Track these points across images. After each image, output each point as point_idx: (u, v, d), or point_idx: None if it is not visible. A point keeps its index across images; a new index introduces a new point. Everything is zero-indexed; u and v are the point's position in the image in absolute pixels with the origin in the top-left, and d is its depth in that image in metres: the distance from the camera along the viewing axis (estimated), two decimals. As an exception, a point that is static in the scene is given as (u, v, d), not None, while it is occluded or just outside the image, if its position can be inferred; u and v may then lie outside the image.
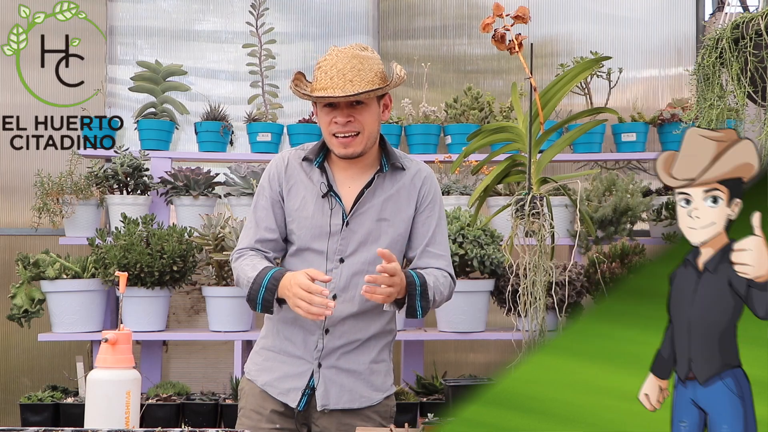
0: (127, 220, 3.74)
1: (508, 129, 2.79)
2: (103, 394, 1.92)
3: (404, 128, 4.19)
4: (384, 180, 2.28)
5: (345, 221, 2.23)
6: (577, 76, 2.66)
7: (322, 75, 2.18)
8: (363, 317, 2.26)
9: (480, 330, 3.78)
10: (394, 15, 4.73)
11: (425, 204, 2.31)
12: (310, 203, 2.25)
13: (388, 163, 2.29)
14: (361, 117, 2.21)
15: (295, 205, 2.26)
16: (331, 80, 2.16)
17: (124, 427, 1.89)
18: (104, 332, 1.97)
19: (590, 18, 4.70)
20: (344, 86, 2.15)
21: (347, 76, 2.16)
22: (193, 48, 4.65)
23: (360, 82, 2.17)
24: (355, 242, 2.23)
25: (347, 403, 2.25)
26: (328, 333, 2.24)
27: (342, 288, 2.23)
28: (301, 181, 2.28)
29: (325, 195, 2.25)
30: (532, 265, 2.49)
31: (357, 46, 2.23)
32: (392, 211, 2.27)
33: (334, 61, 2.18)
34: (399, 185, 2.29)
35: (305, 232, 2.24)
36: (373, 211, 2.25)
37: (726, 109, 2.37)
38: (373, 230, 2.24)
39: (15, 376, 4.44)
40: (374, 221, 2.25)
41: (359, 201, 2.24)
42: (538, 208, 2.48)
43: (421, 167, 2.35)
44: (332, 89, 2.15)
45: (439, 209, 2.34)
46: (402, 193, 2.29)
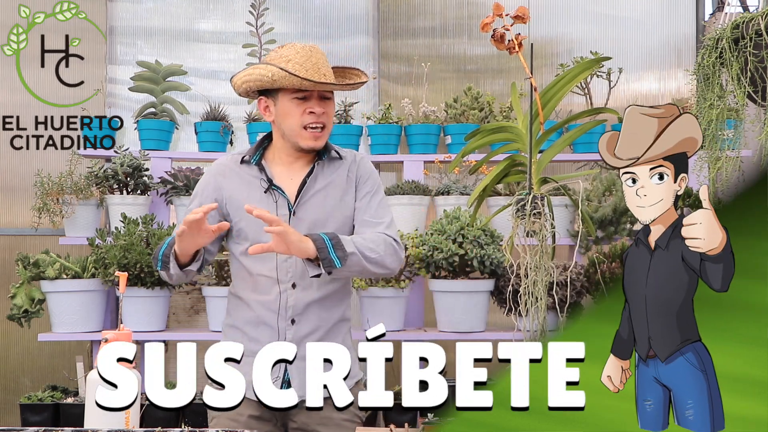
0: (127, 220, 3.74)
1: (507, 129, 2.79)
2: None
3: (404, 128, 4.19)
4: (324, 168, 2.36)
5: (291, 211, 2.30)
6: (577, 76, 2.66)
7: (297, 67, 2.23)
8: (325, 303, 2.31)
9: (480, 330, 3.78)
10: (394, 15, 4.72)
11: (362, 183, 2.39)
12: (254, 200, 2.30)
13: (325, 152, 2.36)
14: (329, 111, 2.31)
15: (240, 205, 2.30)
16: (308, 72, 2.22)
17: (124, 427, 1.89)
18: (104, 332, 1.97)
19: (590, 18, 4.70)
20: (322, 79, 2.24)
21: (322, 70, 2.25)
22: (193, 48, 4.65)
23: (331, 77, 2.28)
24: (305, 230, 2.27)
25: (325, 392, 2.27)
26: (294, 323, 2.28)
27: (300, 276, 2.28)
28: (242, 182, 2.34)
29: (267, 190, 2.31)
30: (533, 265, 2.48)
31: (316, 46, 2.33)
32: (335, 195, 2.34)
33: (309, 55, 2.25)
34: (338, 172, 2.37)
35: (253, 228, 2.28)
36: (317, 198, 2.32)
37: (726, 109, 2.37)
38: (320, 216, 2.31)
39: (15, 376, 4.44)
40: (320, 207, 2.32)
41: (303, 189, 2.31)
42: (539, 208, 2.48)
43: (355, 154, 2.45)
44: (318, 78, 2.23)
45: (375, 185, 2.42)
46: (342, 178, 2.37)
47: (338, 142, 4.11)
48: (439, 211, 3.98)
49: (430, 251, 3.68)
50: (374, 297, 3.75)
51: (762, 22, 2.14)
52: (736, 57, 2.22)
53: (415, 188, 3.98)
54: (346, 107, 4.18)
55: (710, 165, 2.44)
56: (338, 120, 4.17)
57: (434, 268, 3.74)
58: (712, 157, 2.43)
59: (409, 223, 3.96)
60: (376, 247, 2.29)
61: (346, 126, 4.13)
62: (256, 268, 2.31)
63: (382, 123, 4.15)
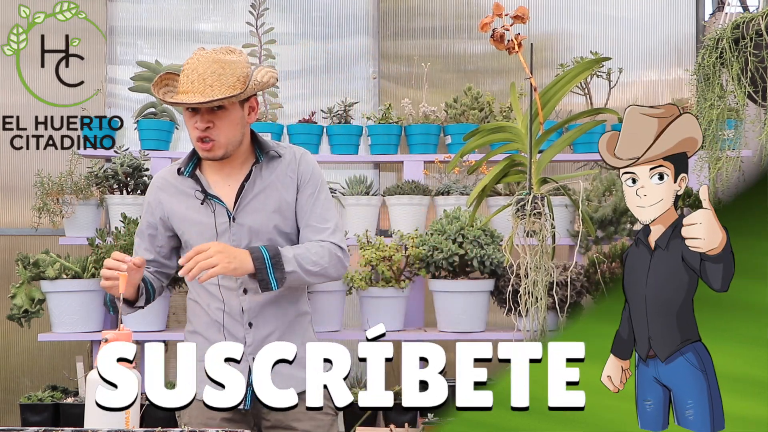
0: (127, 220, 3.74)
1: (507, 129, 2.79)
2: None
3: (404, 128, 4.19)
4: (261, 170, 2.33)
5: (231, 218, 2.28)
6: (577, 76, 2.66)
7: (185, 79, 2.20)
8: (278, 303, 2.30)
9: (480, 330, 3.78)
10: (394, 15, 4.73)
11: (304, 182, 2.35)
12: (193, 211, 2.31)
13: (262, 153, 2.33)
14: (220, 123, 2.22)
15: (181, 218, 2.32)
16: (192, 84, 2.18)
17: (124, 427, 1.89)
18: (104, 332, 1.97)
19: (590, 18, 4.70)
20: (204, 91, 2.17)
21: (207, 81, 2.18)
22: (193, 48, 4.60)
23: (220, 87, 2.18)
24: (246, 235, 2.28)
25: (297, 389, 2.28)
26: (252, 326, 2.29)
27: (248, 280, 2.26)
28: (179, 195, 2.34)
29: (203, 201, 2.30)
30: (533, 265, 2.48)
31: (223, 49, 2.26)
32: (276, 197, 2.31)
33: (195, 65, 2.20)
34: (277, 172, 2.33)
35: (195, 239, 2.29)
36: (256, 202, 2.30)
37: (726, 109, 2.37)
38: (262, 220, 2.29)
39: (15, 376, 4.44)
40: (260, 210, 2.30)
41: (241, 195, 2.29)
42: (539, 208, 2.48)
43: (295, 150, 2.39)
44: (192, 93, 2.17)
45: (319, 184, 2.37)
46: (281, 178, 2.33)
47: (338, 142, 4.14)
48: (439, 211, 3.98)
49: (430, 251, 3.68)
50: (374, 297, 3.75)
51: (762, 22, 2.14)
52: (737, 57, 2.22)
53: (415, 188, 3.98)
54: (346, 107, 4.18)
55: (710, 165, 2.44)
56: (338, 120, 4.17)
57: (434, 268, 3.74)
58: (712, 157, 2.43)
59: (409, 223, 3.95)
60: (320, 260, 2.28)
61: (346, 126, 4.13)
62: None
63: (382, 123, 4.15)
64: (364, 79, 4.65)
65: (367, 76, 4.66)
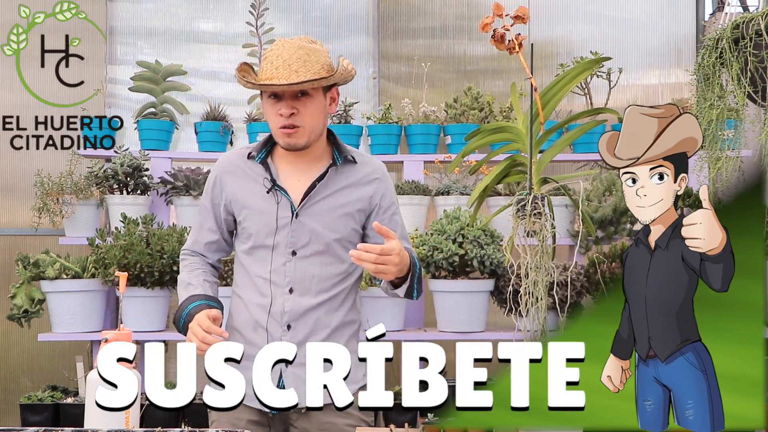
0: (127, 220, 3.74)
1: (507, 129, 2.79)
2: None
3: (404, 128, 4.19)
4: (337, 173, 2.29)
5: (294, 213, 2.24)
6: (577, 76, 2.66)
7: (268, 65, 2.18)
8: (322, 308, 2.25)
9: (480, 330, 3.78)
10: (394, 15, 4.73)
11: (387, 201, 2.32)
12: (257, 199, 2.27)
13: (340, 156, 2.29)
14: (304, 109, 2.20)
15: (245, 202, 2.28)
16: (276, 70, 2.16)
17: (124, 427, 1.89)
18: (104, 332, 1.97)
19: (590, 18, 4.70)
20: (289, 76, 2.15)
21: (293, 67, 2.16)
22: (193, 48, 4.65)
23: (305, 72, 2.16)
24: (306, 235, 2.24)
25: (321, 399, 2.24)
26: (290, 329, 2.24)
27: (298, 281, 2.23)
28: (246, 179, 2.30)
29: (270, 190, 2.26)
30: (533, 265, 2.48)
31: (305, 38, 2.24)
32: (345, 203, 2.27)
33: (280, 51, 2.18)
34: (352, 180, 2.30)
35: (255, 227, 2.26)
36: (325, 204, 2.26)
37: (726, 109, 2.37)
38: (326, 223, 2.25)
39: (15, 376, 4.44)
40: (326, 214, 2.25)
41: (311, 193, 2.25)
42: (540, 208, 2.48)
43: (376, 164, 2.35)
44: (277, 79, 2.15)
45: (397, 204, 2.37)
46: (356, 187, 2.29)
47: (338, 142, 4.13)
48: (439, 211, 3.98)
49: (430, 251, 3.67)
50: (374, 297, 3.75)
51: (762, 22, 2.14)
52: (736, 57, 2.22)
53: (415, 188, 3.98)
54: (346, 107, 4.18)
55: (710, 165, 2.44)
56: (338, 120, 4.17)
57: (434, 268, 3.74)
58: (712, 157, 2.43)
59: (409, 223, 3.95)
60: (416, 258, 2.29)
61: (346, 126, 4.13)
62: (254, 269, 2.28)
63: (382, 123, 4.15)
64: (364, 79, 4.65)
65: (367, 76, 4.66)
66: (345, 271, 2.29)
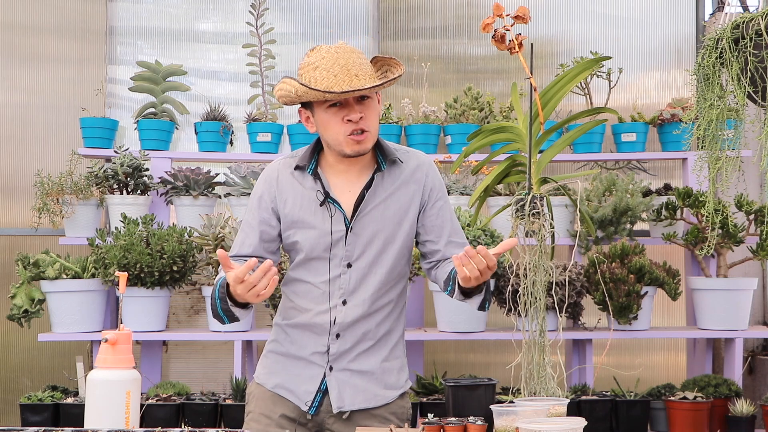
0: (127, 220, 3.74)
1: (508, 129, 2.79)
2: (103, 394, 1.91)
3: (404, 128, 4.19)
4: (383, 178, 2.23)
5: (348, 227, 2.19)
6: (577, 76, 2.67)
7: (324, 73, 2.08)
8: (372, 318, 2.22)
9: (480, 330, 3.78)
10: (394, 15, 4.73)
11: (435, 195, 2.27)
12: (308, 213, 2.20)
13: (385, 160, 2.23)
14: (369, 113, 2.14)
15: (294, 217, 2.21)
16: (336, 77, 2.07)
17: (124, 427, 1.89)
18: (104, 332, 1.97)
19: (590, 18, 4.70)
20: (351, 82, 2.07)
21: (352, 71, 2.09)
22: (193, 48, 4.65)
23: (365, 76, 2.10)
24: (361, 246, 2.19)
25: (362, 403, 2.20)
26: (339, 337, 2.20)
27: (351, 292, 2.20)
28: (296, 192, 2.22)
29: (322, 203, 2.19)
30: (532, 265, 2.49)
31: (345, 44, 2.16)
32: (396, 209, 2.22)
33: (336, 58, 2.09)
34: (399, 182, 2.24)
35: (308, 241, 2.20)
36: (376, 212, 2.20)
37: (726, 109, 2.37)
38: (379, 231, 2.20)
39: (15, 376, 4.44)
40: (379, 222, 2.20)
41: (361, 204, 2.19)
42: (539, 208, 2.48)
43: (420, 159, 2.30)
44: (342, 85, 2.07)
45: (446, 195, 2.31)
46: (403, 189, 2.24)
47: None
48: (439, 211, 3.97)
49: (430, 251, 3.67)
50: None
51: (762, 22, 2.14)
52: (736, 57, 2.22)
53: (415, 188, 3.97)
54: (346, 107, 4.18)
55: (710, 165, 2.44)
56: (338, 120, 4.17)
57: (434, 268, 3.74)
58: (712, 157, 2.43)
59: (409, 223, 3.95)
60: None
61: (346, 126, 4.12)
62: (310, 279, 2.22)
63: (382, 123, 4.16)
64: (364, 79, 4.65)
65: (367, 76, 4.66)
66: (398, 277, 2.25)
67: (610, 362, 3.79)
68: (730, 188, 2.51)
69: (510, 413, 1.92)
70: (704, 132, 2.38)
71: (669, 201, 3.92)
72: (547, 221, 2.50)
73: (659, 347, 4.57)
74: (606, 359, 3.42)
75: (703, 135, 2.40)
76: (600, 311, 3.84)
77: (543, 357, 2.48)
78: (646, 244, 3.88)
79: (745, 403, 3.63)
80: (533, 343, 2.49)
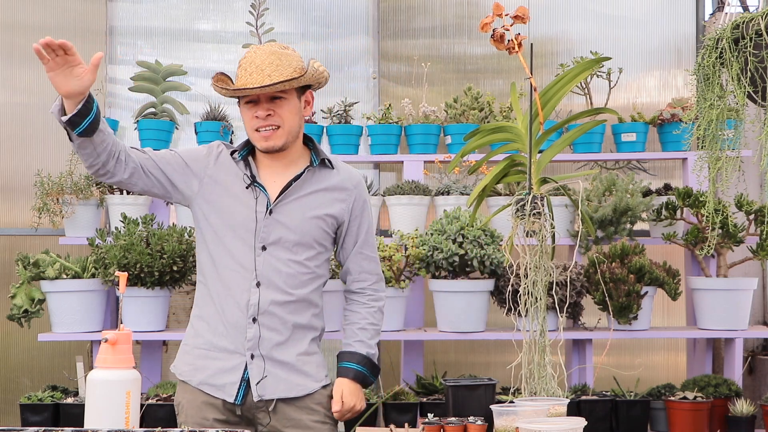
0: (127, 220, 3.74)
1: (507, 129, 2.79)
2: (103, 394, 1.91)
3: (404, 128, 4.19)
4: (313, 175, 2.37)
5: (269, 209, 2.31)
6: (577, 76, 2.66)
7: (242, 72, 2.27)
8: (288, 306, 2.32)
9: (480, 330, 3.78)
10: (394, 15, 4.73)
11: (358, 212, 2.43)
12: (235, 192, 2.33)
13: (317, 158, 2.38)
14: (280, 111, 2.29)
15: (220, 193, 2.34)
16: (250, 75, 2.24)
17: (124, 427, 1.89)
18: (104, 332, 1.97)
19: (590, 18, 4.70)
20: (262, 80, 2.23)
21: (265, 71, 2.24)
22: (193, 48, 4.65)
23: (278, 76, 2.24)
24: (278, 231, 2.30)
25: (284, 392, 2.30)
26: (255, 322, 2.29)
27: (265, 275, 2.29)
28: (228, 172, 2.36)
29: (249, 186, 2.32)
30: (532, 265, 2.49)
31: (277, 44, 2.33)
32: (318, 205, 2.35)
33: (253, 58, 2.26)
34: (328, 184, 2.38)
35: (228, 219, 2.32)
36: (297, 204, 2.33)
37: (726, 109, 2.37)
38: (298, 223, 2.32)
39: (15, 376, 4.45)
40: (298, 213, 2.33)
41: (286, 191, 2.32)
42: (539, 208, 2.48)
43: (352, 173, 2.45)
44: (251, 84, 2.23)
45: (369, 216, 2.47)
46: (330, 193, 2.38)
47: (338, 142, 4.14)
48: (439, 211, 3.98)
49: (430, 251, 3.68)
50: (374, 297, 3.75)
51: (762, 22, 2.14)
52: (736, 57, 2.22)
53: (415, 188, 3.98)
54: (346, 107, 4.18)
55: (710, 165, 2.44)
56: (338, 120, 4.17)
57: (434, 268, 3.74)
58: (712, 157, 2.43)
59: (409, 223, 3.96)
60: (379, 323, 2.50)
61: (346, 126, 4.13)
62: (223, 261, 2.32)
63: (382, 123, 4.15)
64: (364, 78, 4.65)
65: (367, 76, 4.66)
66: (312, 272, 2.36)
67: (610, 362, 3.79)
68: (730, 188, 2.51)
69: (510, 413, 1.92)
70: (704, 132, 2.39)
71: (669, 201, 3.92)
72: (548, 221, 2.50)
73: (659, 347, 4.57)
74: (606, 359, 3.42)
75: (703, 135, 2.40)
76: (600, 311, 3.84)
77: (543, 357, 2.47)
78: (646, 244, 3.88)
79: (745, 403, 3.63)
80: (533, 343, 2.49)
